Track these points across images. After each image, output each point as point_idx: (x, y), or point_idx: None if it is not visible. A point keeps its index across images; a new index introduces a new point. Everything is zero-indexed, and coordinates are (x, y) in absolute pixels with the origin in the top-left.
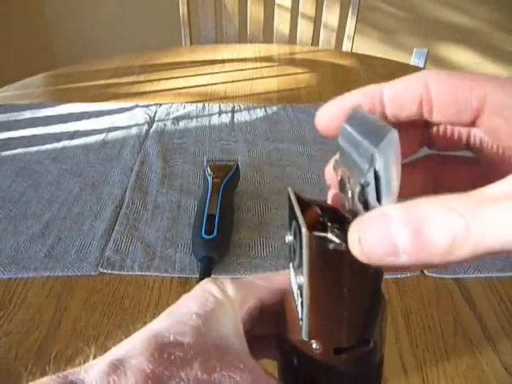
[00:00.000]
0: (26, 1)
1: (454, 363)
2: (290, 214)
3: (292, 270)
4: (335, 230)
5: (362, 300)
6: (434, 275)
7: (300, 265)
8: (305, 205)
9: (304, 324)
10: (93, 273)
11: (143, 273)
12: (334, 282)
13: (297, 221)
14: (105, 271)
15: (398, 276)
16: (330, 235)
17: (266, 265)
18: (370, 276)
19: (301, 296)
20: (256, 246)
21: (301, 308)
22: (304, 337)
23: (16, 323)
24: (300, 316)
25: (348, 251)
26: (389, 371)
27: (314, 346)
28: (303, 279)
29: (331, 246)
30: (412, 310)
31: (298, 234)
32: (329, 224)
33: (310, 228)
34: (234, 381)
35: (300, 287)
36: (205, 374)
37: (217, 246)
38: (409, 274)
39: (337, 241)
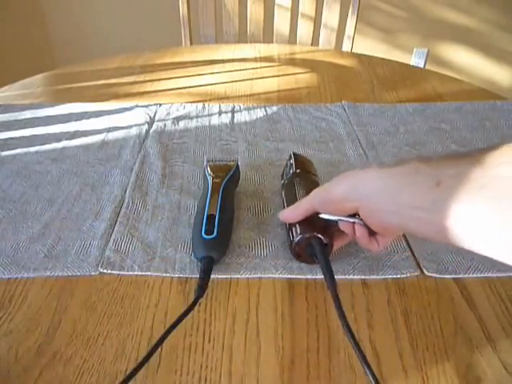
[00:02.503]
0: (25, 1)
1: (453, 363)
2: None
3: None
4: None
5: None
6: (434, 275)
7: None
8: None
9: None
10: (93, 273)
11: (143, 273)
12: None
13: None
14: (105, 271)
15: (398, 276)
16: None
17: (266, 265)
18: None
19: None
20: (256, 246)
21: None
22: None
23: (16, 323)
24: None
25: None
26: (389, 371)
27: None
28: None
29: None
30: (412, 310)
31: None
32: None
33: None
34: None
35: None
36: None
37: (217, 246)
38: (408, 274)
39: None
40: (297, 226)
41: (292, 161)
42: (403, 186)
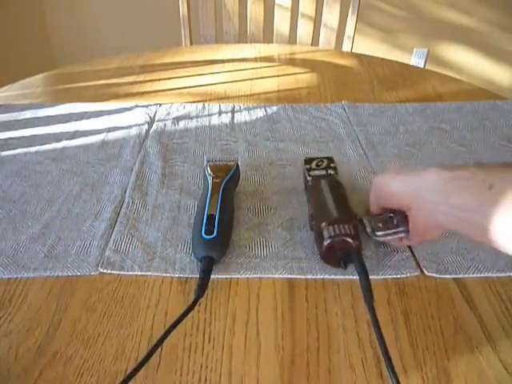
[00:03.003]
0: (26, 1)
1: (453, 363)
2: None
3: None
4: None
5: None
6: (434, 275)
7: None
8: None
9: None
10: (93, 273)
11: (143, 273)
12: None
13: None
14: (105, 271)
15: (398, 276)
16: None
17: (266, 265)
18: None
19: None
20: (256, 246)
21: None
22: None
23: (16, 323)
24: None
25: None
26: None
27: None
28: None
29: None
30: (412, 310)
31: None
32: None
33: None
34: None
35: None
36: None
37: (217, 246)
38: (408, 274)
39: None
40: (329, 227)
41: (334, 164)
42: (460, 189)
